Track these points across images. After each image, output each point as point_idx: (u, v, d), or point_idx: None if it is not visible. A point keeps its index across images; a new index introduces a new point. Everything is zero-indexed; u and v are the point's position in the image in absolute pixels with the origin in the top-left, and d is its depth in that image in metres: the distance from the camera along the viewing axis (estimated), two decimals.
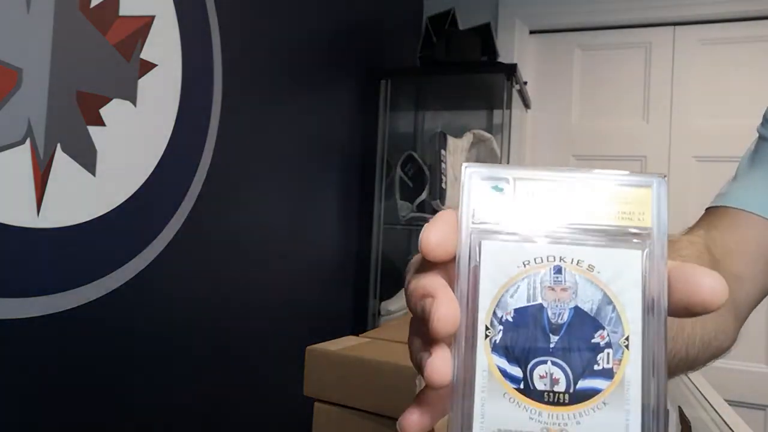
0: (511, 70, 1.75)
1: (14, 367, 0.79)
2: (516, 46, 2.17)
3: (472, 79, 1.84)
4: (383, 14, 2.02)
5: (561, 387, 0.23)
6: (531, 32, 2.25)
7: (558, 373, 0.23)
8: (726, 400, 1.11)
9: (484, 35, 1.81)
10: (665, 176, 0.24)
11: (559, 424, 0.22)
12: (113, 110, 0.92)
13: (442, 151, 1.77)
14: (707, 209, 0.57)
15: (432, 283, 0.24)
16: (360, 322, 1.85)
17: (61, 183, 0.83)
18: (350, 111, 1.79)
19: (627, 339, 0.23)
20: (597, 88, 2.19)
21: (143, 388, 1.02)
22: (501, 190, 0.24)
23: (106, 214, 0.91)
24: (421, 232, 0.24)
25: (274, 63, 1.37)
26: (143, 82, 0.97)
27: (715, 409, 1.09)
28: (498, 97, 1.89)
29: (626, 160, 2.13)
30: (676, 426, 0.93)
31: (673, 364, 0.42)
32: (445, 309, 0.22)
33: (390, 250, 1.99)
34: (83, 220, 0.87)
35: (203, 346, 1.17)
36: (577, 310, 0.23)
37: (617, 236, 0.23)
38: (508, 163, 1.86)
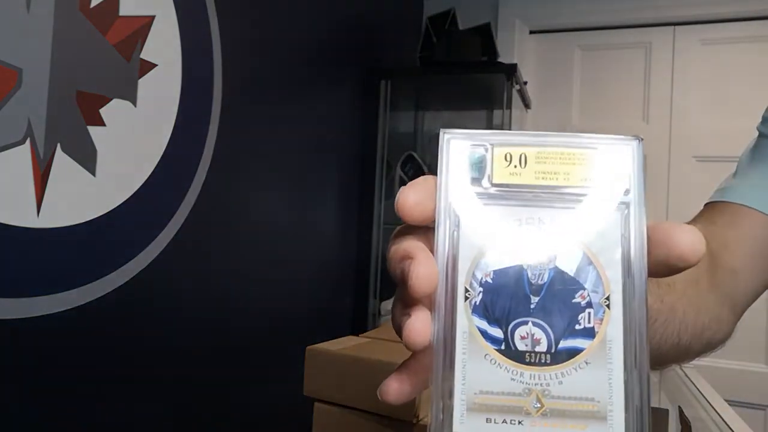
0: (511, 70, 1.75)
1: (14, 367, 0.79)
2: (516, 46, 2.17)
3: (472, 79, 1.84)
4: (383, 14, 2.02)
5: (542, 347, 0.23)
6: (531, 32, 2.25)
7: (539, 334, 0.23)
8: (726, 400, 1.11)
9: (484, 35, 1.81)
10: (642, 138, 0.24)
11: (541, 384, 0.22)
12: (113, 110, 0.92)
13: None
14: (706, 204, 0.57)
15: (411, 245, 0.24)
16: (360, 322, 1.85)
17: (61, 183, 0.83)
18: (350, 111, 1.79)
19: (608, 298, 0.22)
20: (597, 88, 2.19)
21: (143, 387, 1.02)
22: (479, 155, 0.24)
23: (106, 214, 0.91)
24: (398, 193, 0.24)
25: (274, 63, 1.37)
26: (143, 82, 0.97)
27: (715, 409, 1.09)
28: (498, 97, 1.89)
29: None
30: (676, 426, 0.93)
31: (664, 350, 0.42)
32: (423, 268, 0.23)
33: None
34: (83, 220, 0.87)
35: (203, 346, 1.17)
36: (557, 271, 0.23)
37: (597, 195, 0.23)
38: None
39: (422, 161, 1.85)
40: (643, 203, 0.23)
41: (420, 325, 0.23)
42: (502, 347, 0.23)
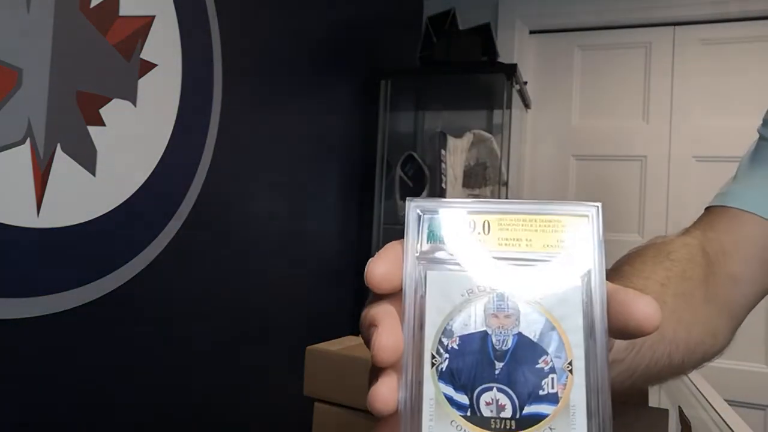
0: (511, 70, 1.75)
1: (14, 367, 0.79)
2: (516, 46, 2.17)
3: (472, 79, 1.84)
4: (383, 14, 2.02)
5: (507, 413, 0.23)
6: (531, 32, 2.25)
7: (504, 399, 0.23)
8: (726, 400, 1.11)
9: (484, 35, 1.81)
10: (599, 204, 0.25)
11: None
12: (113, 110, 0.92)
13: (442, 151, 1.77)
14: (707, 208, 0.57)
15: (379, 311, 0.24)
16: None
17: (61, 183, 0.83)
18: (350, 111, 1.79)
19: (570, 364, 0.23)
20: (597, 88, 2.19)
21: (143, 387, 1.02)
22: (444, 223, 0.25)
23: (106, 214, 0.91)
24: (367, 264, 0.25)
25: (274, 63, 1.37)
26: (143, 82, 0.97)
27: (715, 409, 1.09)
28: (498, 97, 1.89)
29: (626, 160, 2.14)
30: (676, 426, 0.93)
31: (655, 371, 0.42)
32: (385, 339, 0.23)
33: None
34: (83, 220, 0.87)
35: (203, 346, 1.17)
36: (520, 337, 0.23)
37: (558, 264, 0.24)
38: (507, 163, 1.86)
39: (422, 161, 1.85)
40: (604, 269, 0.24)
41: (386, 392, 0.23)
42: (468, 413, 0.23)
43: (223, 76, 1.17)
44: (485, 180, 1.99)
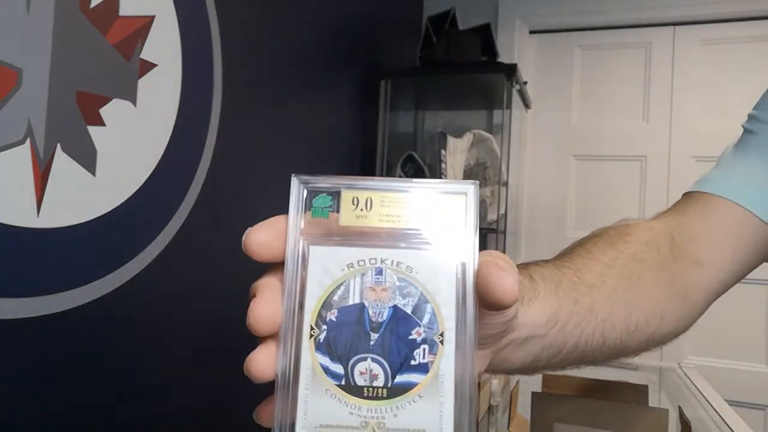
0: (511, 70, 1.75)
1: (14, 367, 0.79)
2: (516, 46, 2.17)
3: (472, 79, 1.85)
4: (383, 14, 2.02)
5: (380, 382, 0.24)
6: (531, 32, 2.25)
7: (377, 369, 0.24)
8: (726, 400, 1.11)
9: (484, 35, 1.81)
10: (476, 183, 0.26)
11: (377, 417, 0.23)
12: (113, 110, 0.92)
13: (442, 151, 1.77)
14: (684, 194, 0.58)
15: (260, 284, 0.25)
16: None
17: (61, 183, 0.83)
18: (350, 111, 1.79)
19: (441, 335, 0.24)
20: (597, 88, 2.19)
21: (143, 388, 1.02)
22: (327, 198, 0.26)
23: (106, 214, 0.91)
24: (246, 232, 0.26)
25: (274, 63, 1.37)
26: (143, 82, 0.97)
27: (715, 409, 1.10)
28: (498, 97, 1.89)
29: (626, 160, 2.14)
30: (676, 426, 0.93)
31: (587, 350, 0.42)
32: (260, 308, 0.24)
33: None
34: (83, 220, 0.87)
35: (203, 346, 1.17)
36: (396, 309, 0.24)
37: (435, 239, 0.25)
38: (507, 163, 1.87)
39: (422, 161, 1.85)
40: (476, 244, 0.25)
41: (263, 359, 0.24)
42: (343, 382, 0.24)
43: (223, 76, 1.17)
44: (485, 180, 1.99)
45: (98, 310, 0.91)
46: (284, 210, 0.27)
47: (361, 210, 0.26)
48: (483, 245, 2.22)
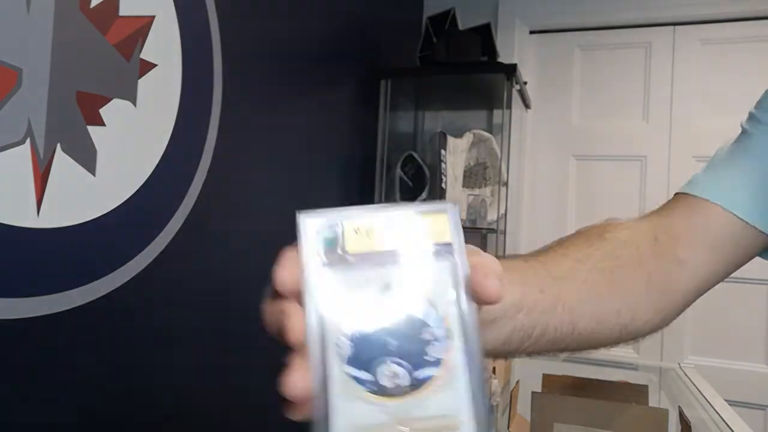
0: (511, 70, 1.75)
1: (14, 367, 0.79)
2: (516, 46, 2.17)
3: (472, 79, 1.84)
4: (383, 14, 2.02)
5: (403, 381, 0.28)
6: (531, 32, 2.25)
7: (398, 370, 0.28)
8: (726, 400, 1.11)
9: (484, 35, 1.81)
10: (456, 203, 0.31)
11: (405, 411, 0.27)
12: (113, 110, 0.92)
13: (442, 151, 1.77)
14: (675, 194, 0.59)
15: (286, 305, 0.29)
16: None
17: (61, 183, 0.83)
18: (350, 111, 1.79)
19: (448, 332, 0.28)
20: (597, 88, 2.19)
21: (143, 388, 1.02)
22: (333, 229, 0.29)
23: (106, 214, 0.91)
24: (274, 272, 0.30)
25: (274, 63, 1.37)
26: (143, 82, 0.97)
27: (715, 409, 1.10)
28: (498, 97, 1.89)
29: (626, 160, 2.14)
30: (676, 426, 0.93)
31: (560, 337, 0.46)
32: (292, 323, 0.28)
33: None
34: (83, 220, 0.87)
35: (203, 346, 1.17)
36: (407, 317, 0.29)
37: (428, 255, 0.30)
38: (507, 163, 1.87)
39: (422, 161, 1.85)
40: (464, 251, 0.30)
41: (297, 380, 0.28)
42: (371, 387, 0.27)
43: (223, 76, 1.17)
44: (485, 180, 1.99)
45: (98, 310, 0.91)
46: (285, 209, 0.28)
47: (364, 236, 0.29)
48: (483, 245, 2.22)
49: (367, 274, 0.29)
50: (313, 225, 0.30)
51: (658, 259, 0.52)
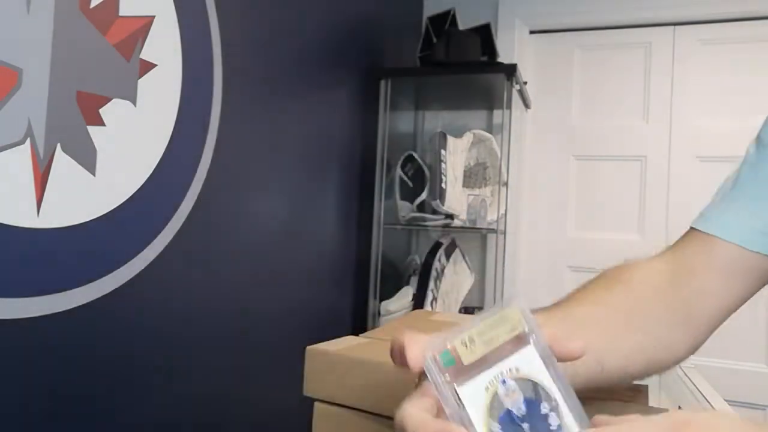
0: (511, 70, 1.75)
1: (14, 367, 0.79)
2: (516, 46, 2.17)
3: (472, 79, 1.84)
4: (383, 14, 2.02)
5: None
6: (531, 32, 2.25)
7: None
8: (726, 400, 1.11)
9: (484, 35, 1.81)
10: (520, 297, 0.38)
11: None
12: (113, 110, 0.92)
13: (442, 151, 1.77)
14: (691, 227, 0.62)
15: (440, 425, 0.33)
16: (360, 322, 1.85)
17: (61, 183, 0.83)
18: (350, 111, 1.79)
19: (555, 401, 0.36)
20: (597, 88, 2.19)
21: (143, 388, 1.02)
22: (448, 352, 0.35)
23: (106, 214, 0.91)
24: (405, 355, 0.36)
25: (274, 63, 1.37)
26: (143, 82, 0.97)
27: (715, 409, 1.09)
28: (498, 97, 1.89)
29: (626, 160, 2.14)
30: None
31: (592, 376, 0.50)
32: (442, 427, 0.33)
33: (390, 251, 1.99)
34: (83, 220, 0.87)
35: (203, 347, 1.17)
36: (527, 401, 0.35)
37: (517, 343, 0.37)
38: (508, 162, 1.87)
39: (422, 161, 1.85)
40: (541, 333, 0.37)
41: None
42: None
43: (223, 76, 1.17)
44: (485, 180, 1.99)
45: (98, 310, 0.91)
46: (284, 209, 0.27)
47: (471, 347, 0.35)
48: (483, 245, 2.21)
49: (486, 376, 0.35)
50: (434, 355, 0.35)
51: (677, 293, 0.56)
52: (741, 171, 0.60)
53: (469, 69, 1.80)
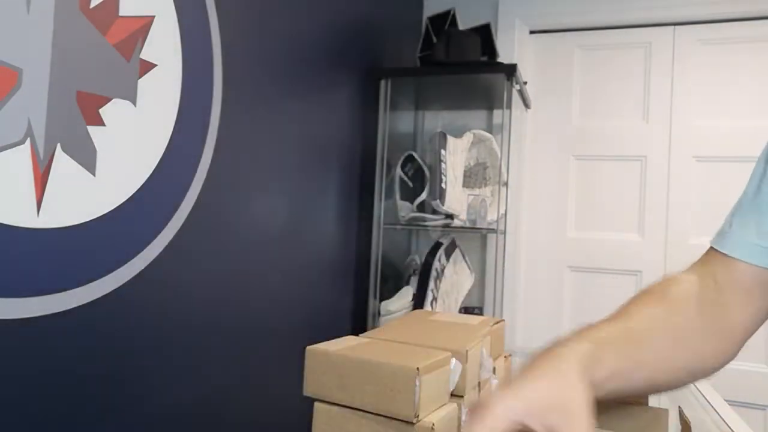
0: (511, 70, 1.75)
1: (14, 367, 0.79)
2: (516, 46, 2.17)
3: (472, 79, 1.84)
4: (383, 14, 2.02)
5: None
6: (531, 32, 2.25)
7: None
8: (726, 400, 1.11)
9: (484, 35, 1.81)
10: None
11: None
12: (113, 110, 0.92)
13: (442, 151, 1.77)
14: (711, 246, 0.65)
15: None
16: (360, 322, 1.85)
17: (61, 183, 0.83)
18: (350, 111, 1.79)
19: None
20: (597, 88, 2.19)
21: (143, 388, 1.02)
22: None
23: (106, 214, 0.91)
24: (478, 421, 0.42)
25: (274, 63, 1.37)
26: (143, 82, 0.97)
27: (715, 409, 1.09)
28: (498, 97, 1.89)
29: (626, 160, 2.14)
30: (676, 426, 0.93)
31: (641, 388, 0.60)
32: None
33: (390, 250, 1.99)
34: (83, 220, 0.87)
35: (203, 346, 1.17)
36: None
37: None
38: (507, 163, 1.86)
39: (422, 161, 1.85)
40: None
41: None
42: None
43: (223, 76, 1.17)
44: (485, 180, 1.99)
45: (98, 310, 0.91)
46: (285, 209, 0.27)
47: None
48: (483, 245, 2.21)
49: None
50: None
51: (709, 308, 0.61)
52: (749, 186, 0.63)
53: (469, 69, 1.80)
